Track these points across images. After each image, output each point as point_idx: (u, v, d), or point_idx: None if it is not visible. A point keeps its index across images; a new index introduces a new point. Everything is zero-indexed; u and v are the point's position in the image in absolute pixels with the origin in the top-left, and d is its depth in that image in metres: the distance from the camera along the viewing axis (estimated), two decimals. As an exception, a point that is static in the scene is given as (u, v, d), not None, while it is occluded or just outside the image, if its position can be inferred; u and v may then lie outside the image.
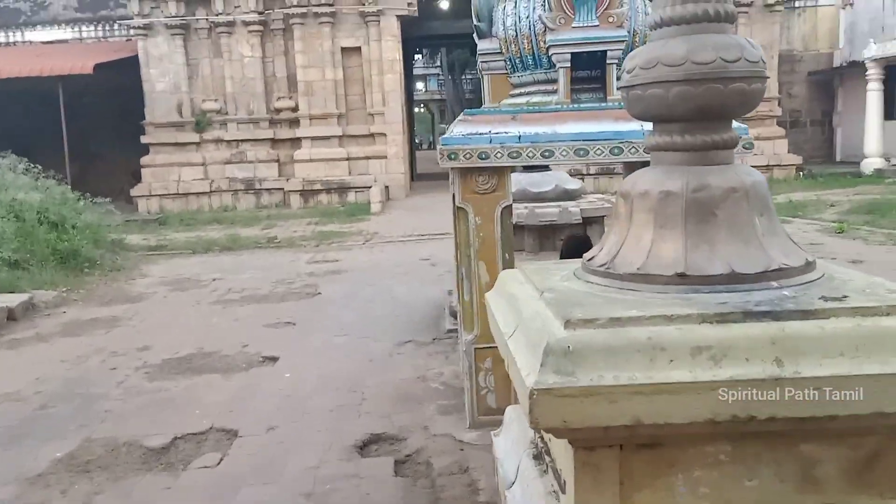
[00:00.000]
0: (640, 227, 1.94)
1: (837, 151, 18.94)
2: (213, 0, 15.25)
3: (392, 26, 15.09)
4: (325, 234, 12.11)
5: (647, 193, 1.93)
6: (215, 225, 13.77)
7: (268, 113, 15.76)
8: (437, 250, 10.05)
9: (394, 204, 15.09)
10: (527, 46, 3.88)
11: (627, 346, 1.57)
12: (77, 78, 14.94)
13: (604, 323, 1.62)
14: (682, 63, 1.83)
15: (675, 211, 1.88)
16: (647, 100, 1.92)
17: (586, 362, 1.53)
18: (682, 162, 1.90)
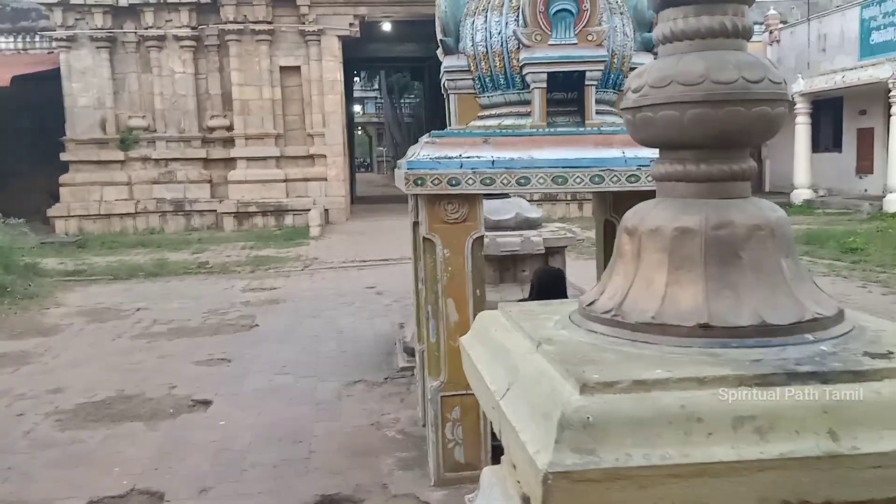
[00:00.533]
0: (652, 269, 1.64)
1: (766, 182, 19.52)
2: (142, 13, 14.52)
3: (333, 46, 14.70)
4: (262, 260, 11.50)
5: (660, 230, 1.63)
6: (140, 248, 12.92)
7: (200, 131, 15.04)
8: (383, 278, 9.62)
9: (334, 228, 14.56)
10: (498, 64, 3.57)
11: (657, 416, 1.27)
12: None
13: (626, 387, 1.31)
14: (701, 82, 1.55)
15: (693, 251, 1.59)
16: (657, 123, 1.63)
17: (610, 437, 1.23)
18: (697, 195, 1.62)
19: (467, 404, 3.36)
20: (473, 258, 3.41)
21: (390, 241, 12.87)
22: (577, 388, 1.28)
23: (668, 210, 1.63)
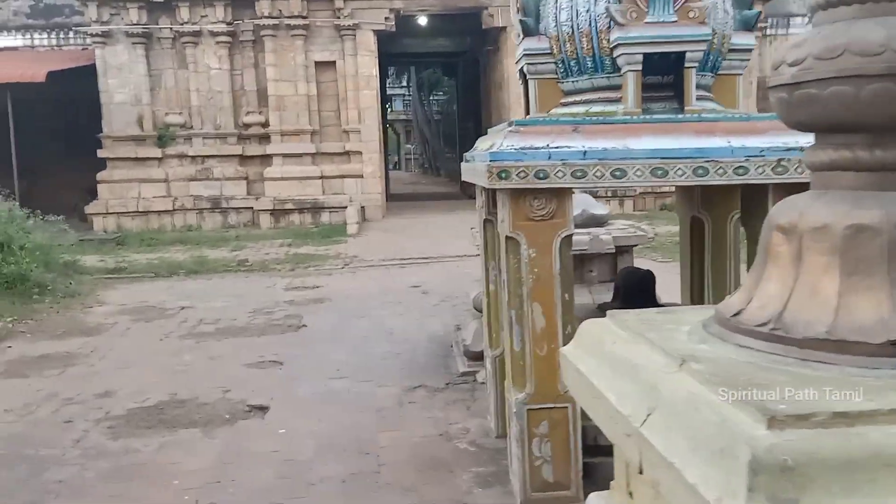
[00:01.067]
0: (817, 274, 1.36)
1: None
2: (177, 8, 14.42)
3: (368, 41, 14.46)
4: (301, 258, 11.32)
5: (828, 229, 1.35)
6: (179, 246, 12.84)
7: (236, 128, 14.92)
8: (427, 277, 9.37)
9: (370, 225, 14.36)
10: (585, 46, 3.27)
11: (869, 457, 1.01)
12: (28, 87, 13.93)
13: (825, 420, 1.06)
14: (882, 52, 1.27)
15: (873, 253, 1.32)
16: (824, 101, 1.35)
17: (813, 484, 0.99)
18: (870, 186, 1.34)
19: (556, 418, 3.08)
20: (562, 259, 3.13)
21: (428, 239, 12.63)
22: (763, 420, 1.01)
23: (838, 204, 1.35)
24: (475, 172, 3.41)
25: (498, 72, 15.73)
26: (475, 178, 3.46)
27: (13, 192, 14.16)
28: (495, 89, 16.24)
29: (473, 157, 3.54)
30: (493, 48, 15.84)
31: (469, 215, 16.10)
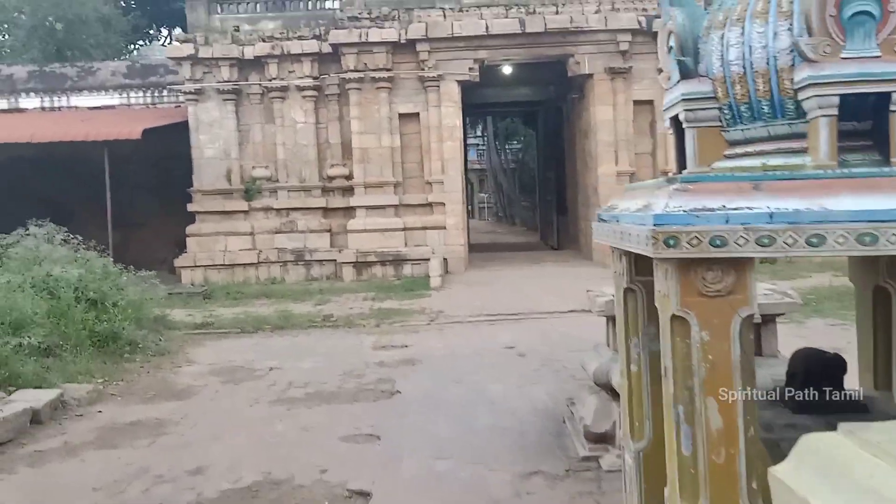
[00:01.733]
0: None
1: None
2: (266, 65, 14.72)
3: (452, 91, 14.33)
4: (385, 312, 10.99)
5: None
6: (264, 299, 12.77)
7: (320, 181, 14.96)
8: (519, 336, 8.83)
9: (453, 278, 13.97)
10: (761, 87, 2.76)
11: None
12: (123, 144, 14.41)
13: None
14: None
15: None
16: None
17: None
18: None
19: (742, 545, 2.49)
20: (742, 343, 2.57)
21: (516, 293, 12.11)
22: None
23: None
24: (622, 236, 2.93)
25: (584, 120, 15.30)
26: (620, 242, 2.98)
27: (108, 246, 14.56)
28: (580, 137, 15.80)
29: (617, 217, 3.06)
30: (579, 96, 15.45)
31: (553, 267, 15.58)
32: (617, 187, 14.25)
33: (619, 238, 3.08)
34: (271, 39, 14.67)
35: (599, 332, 5.40)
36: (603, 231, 3.41)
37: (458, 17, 14.01)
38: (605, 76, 14.05)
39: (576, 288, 12.89)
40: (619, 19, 13.74)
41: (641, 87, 14.18)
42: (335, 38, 14.20)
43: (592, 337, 8.31)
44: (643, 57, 14.08)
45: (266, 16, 15.13)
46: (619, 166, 14.23)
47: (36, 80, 18.61)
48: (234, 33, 14.91)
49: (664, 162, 14.31)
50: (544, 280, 13.39)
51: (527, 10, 14.00)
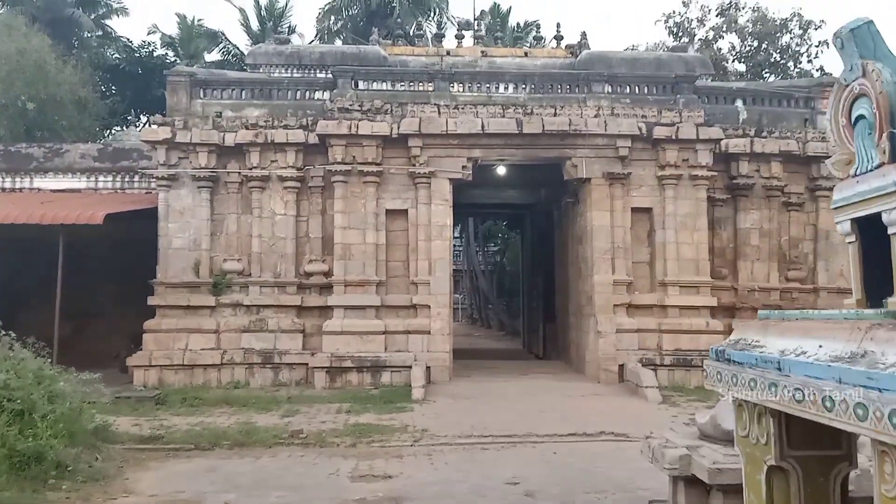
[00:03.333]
0: None
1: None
2: (248, 153, 13.92)
3: (444, 189, 13.60)
4: (363, 429, 9.67)
5: None
6: (224, 407, 11.35)
7: (296, 277, 13.87)
8: (523, 467, 7.59)
9: (437, 389, 12.70)
10: None
11: None
12: (84, 229, 13.26)
13: None
14: None
15: None
16: None
17: None
18: None
19: None
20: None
21: (507, 411, 10.90)
22: None
23: None
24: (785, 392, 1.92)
25: (578, 225, 14.62)
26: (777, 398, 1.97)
27: (51, 341, 13.17)
28: (574, 243, 15.07)
29: (776, 361, 2.04)
30: (574, 200, 14.85)
31: (544, 380, 14.33)
32: (614, 297, 13.41)
33: (771, 391, 2.07)
34: (255, 127, 13.94)
35: (621, 467, 4.25)
36: (729, 374, 2.38)
37: (453, 114, 13.47)
38: (602, 181, 13.48)
39: (573, 406, 11.72)
40: (618, 124, 13.32)
41: (640, 193, 13.62)
42: (323, 129, 13.52)
43: (613, 475, 7.10)
44: (642, 163, 13.60)
45: (252, 102, 14.47)
46: (615, 275, 13.43)
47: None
48: (216, 119, 14.17)
49: (662, 273, 13.56)
50: (537, 396, 12.22)
51: (524, 111, 13.54)
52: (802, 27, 22.87)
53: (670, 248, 13.41)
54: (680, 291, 13.35)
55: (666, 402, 11.55)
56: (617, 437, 9.25)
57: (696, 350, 13.07)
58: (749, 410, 2.28)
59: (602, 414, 10.68)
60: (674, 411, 10.88)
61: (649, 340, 13.25)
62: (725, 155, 13.87)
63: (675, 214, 13.44)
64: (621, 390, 12.70)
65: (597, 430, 9.45)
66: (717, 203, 14.01)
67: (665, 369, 12.96)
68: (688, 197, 13.45)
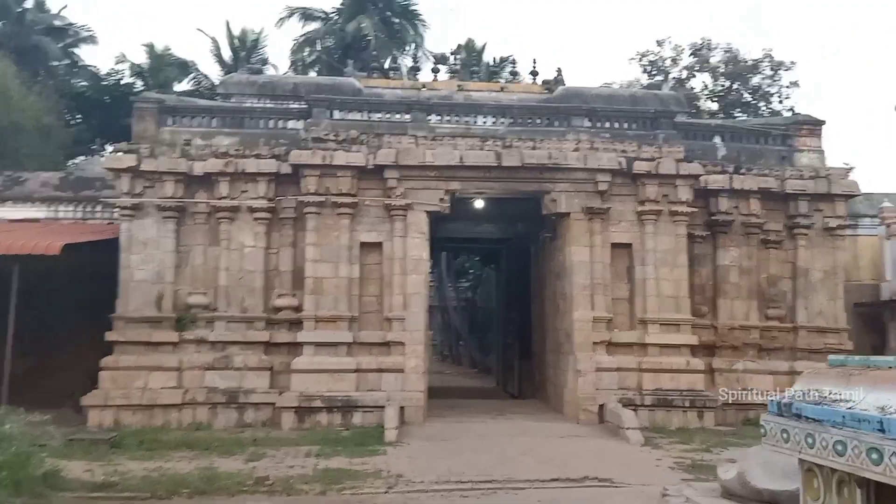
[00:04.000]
0: None
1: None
2: (217, 183, 13.41)
3: (420, 222, 13.22)
4: (333, 475, 9.08)
5: None
6: (184, 450, 10.64)
7: (265, 311, 13.28)
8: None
9: (411, 431, 12.13)
10: None
11: None
12: (41, 261, 12.58)
13: None
14: None
15: None
16: None
17: None
18: None
19: None
20: None
21: (485, 454, 10.38)
22: None
23: None
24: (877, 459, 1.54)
25: (557, 261, 14.33)
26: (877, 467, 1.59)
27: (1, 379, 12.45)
28: (552, 279, 14.76)
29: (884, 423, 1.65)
30: (552, 235, 14.58)
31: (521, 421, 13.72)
32: (593, 334, 13.08)
33: (871, 458, 1.68)
34: (225, 156, 13.47)
35: None
36: (802, 434, 1.97)
37: (431, 146, 13.18)
38: (582, 216, 13.24)
39: (554, 448, 11.21)
40: (598, 158, 13.15)
41: (619, 229, 13.40)
42: (296, 159, 13.11)
43: None
44: (622, 198, 13.41)
45: (222, 131, 14.00)
46: (595, 311, 13.10)
47: (-46, 187, 16.81)
48: (185, 147, 13.67)
49: (642, 310, 13.28)
50: (516, 437, 11.72)
51: (503, 144, 13.30)
52: (773, 68, 23.29)
53: (650, 285, 13.16)
54: (660, 329, 13.06)
55: (648, 443, 11.15)
56: (601, 482, 8.81)
57: (677, 390, 12.75)
58: (825, 477, 1.89)
59: (584, 457, 10.24)
60: (657, 454, 10.48)
61: (629, 379, 12.90)
62: (705, 191, 13.76)
63: (654, 250, 13.22)
64: (602, 431, 12.27)
65: (580, 475, 8.99)
66: (697, 240, 13.84)
67: (646, 409, 12.58)
68: (668, 233, 13.26)
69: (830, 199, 14.19)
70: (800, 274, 14.22)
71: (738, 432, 12.40)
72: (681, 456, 10.25)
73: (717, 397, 12.83)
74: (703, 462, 9.75)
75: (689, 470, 9.30)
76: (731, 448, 10.78)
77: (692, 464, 9.64)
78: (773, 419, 2.00)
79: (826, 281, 14.16)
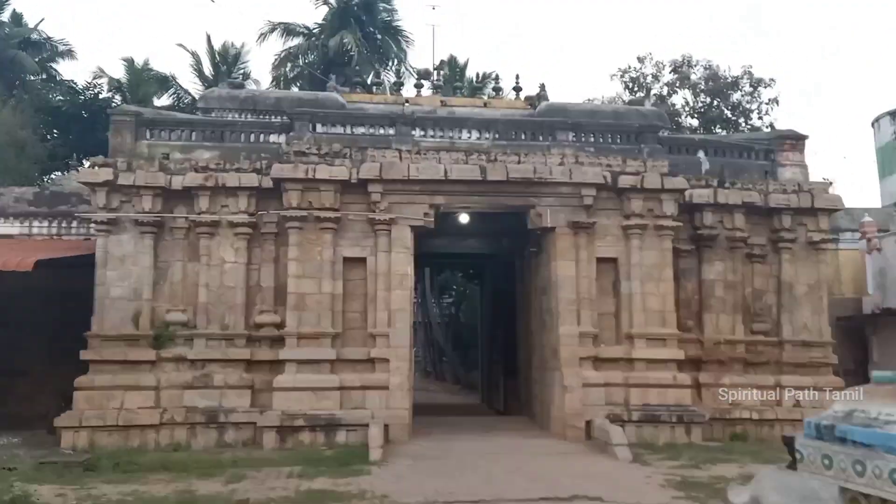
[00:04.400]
0: None
1: None
2: (197, 197, 13.14)
3: (405, 237, 13.03)
4: (317, 496, 8.80)
5: None
6: (162, 473, 10.27)
7: (246, 329, 12.98)
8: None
9: (396, 450, 11.85)
10: None
11: None
12: (12, 278, 12.23)
13: None
14: None
15: None
16: None
17: None
18: None
19: None
20: None
21: (473, 474, 10.14)
22: None
23: None
24: None
25: (542, 276, 14.20)
26: None
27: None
28: (537, 294, 14.62)
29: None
30: (537, 250, 14.47)
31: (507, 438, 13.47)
32: (579, 349, 12.93)
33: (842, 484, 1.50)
34: (205, 170, 13.21)
35: None
36: (849, 460, 1.75)
37: (416, 160, 13.03)
38: (567, 230, 13.14)
39: (541, 466, 10.99)
40: (584, 173, 13.08)
41: (605, 243, 13.31)
42: (278, 173, 12.89)
43: None
44: (607, 213, 13.34)
45: (202, 145, 13.77)
46: (581, 327, 12.97)
47: (-75, 204, 16.36)
48: (163, 161, 13.39)
49: (629, 324, 13.17)
50: (503, 455, 11.48)
51: (488, 158, 13.19)
52: (753, 84, 23.54)
53: (636, 299, 13.06)
54: (647, 344, 12.95)
55: (637, 460, 10.98)
56: (591, 501, 8.61)
57: (665, 405, 12.61)
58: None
59: (572, 475, 10.04)
60: (647, 471, 10.31)
61: (616, 395, 12.75)
62: (690, 205, 13.73)
63: (640, 265, 13.14)
64: (589, 448, 12.08)
65: (569, 494, 8.78)
66: (682, 254, 13.79)
67: (633, 425, 12.43)
68: (653, 247, 13.20)
69: (814, 214, 14.23)
70: (784, 288, 14.21)
71: (725, 447, 12.28)
72: (670, 472, 10.08)
73: (705, 413, 12.73)
74: (694, 479, 9.61)
75: (680, 487, 9.14)
76: (719, 464, 10.64)
77: (682, 481, 9.48)
78: (811, 443, 1.81)
79: (810, 295, 14.15)
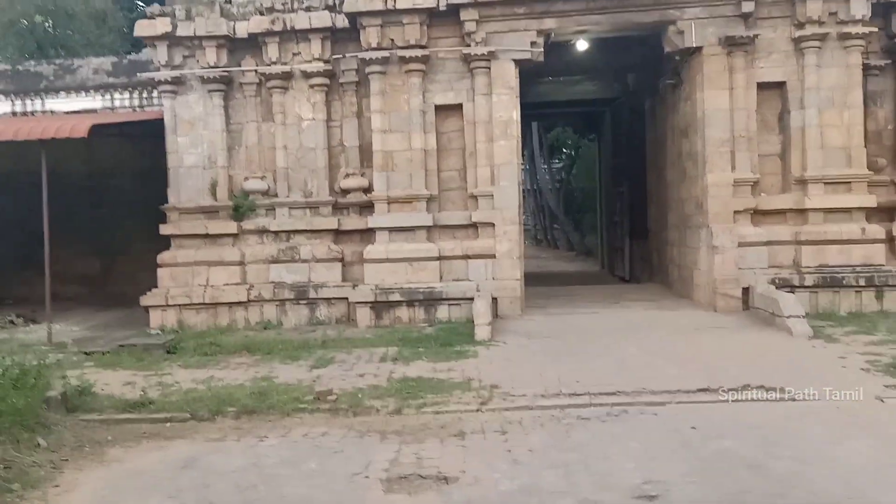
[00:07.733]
0: None
1: None
2: (265, 46, 11.30)
3: (508, 74, 10.66)
4: (411, 386, 7.29)
5: None
6: (245, 355, 9.20)
7: (331, 195, 11.40)
8: (654, 463, 4.98)
9: (507, 326, 10.19)
10: None
11: None
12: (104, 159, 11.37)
13: None
14: None
15: None
16: None
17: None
18: None
19: None
20: None
21: (603, 356, 8.26)
22: None
23: None
24: None
25: (683, 113, 11.51)
26: None
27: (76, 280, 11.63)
28: (676, 137, 11.99)
29: None
30: (675, 81, 11.69)
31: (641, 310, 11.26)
32: (734, 201, 10.41)
33: None
34: (271, 11, 11.24)
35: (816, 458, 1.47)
36: None
37: (517, -26, 10.40)
38: (718, 49, 10.24)
39: (691, 345, 8.85)
40: (741, -30, 9.97)
41: (769, 63, 10.31)
42: (353, 7, 10.70)
43: (815, 480, 4.57)
44: (772, 22, 10.27)
45: (265, -20, 11.72)
46: (736, 173, 10.36)
47: (7, 80, 15.57)
48: (224, 4, 11.54)
49: (800, 167, 10.39)
50: (638, 332, 9.49)
51: (610, -37, 10.33)
52: None
53: (811, 134, 10.17)
54: (825, 190, 10.18)
55: (818, 335, 8.64)
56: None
57: (849, 265, 10.01)
58: None
59: (735, 356, 7.94)
60: (836, 350, 7.99)
61: (782, 255, 10.25)
62: (884, 5, 10.34)
63: (817, 89, 10.12)
64: (749, 321, 9.83)
65: (739, 384, 6.72)
66: (873, 71, 10.57)
67: (806, 291, 9.96)
68: (836, 64, 10.08)
69: None
70: None
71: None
72: (868, 351, 7.75)
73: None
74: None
75: (892, 372, 6.85)
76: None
77: (893, 362, 7.14)
78: None
79: None
